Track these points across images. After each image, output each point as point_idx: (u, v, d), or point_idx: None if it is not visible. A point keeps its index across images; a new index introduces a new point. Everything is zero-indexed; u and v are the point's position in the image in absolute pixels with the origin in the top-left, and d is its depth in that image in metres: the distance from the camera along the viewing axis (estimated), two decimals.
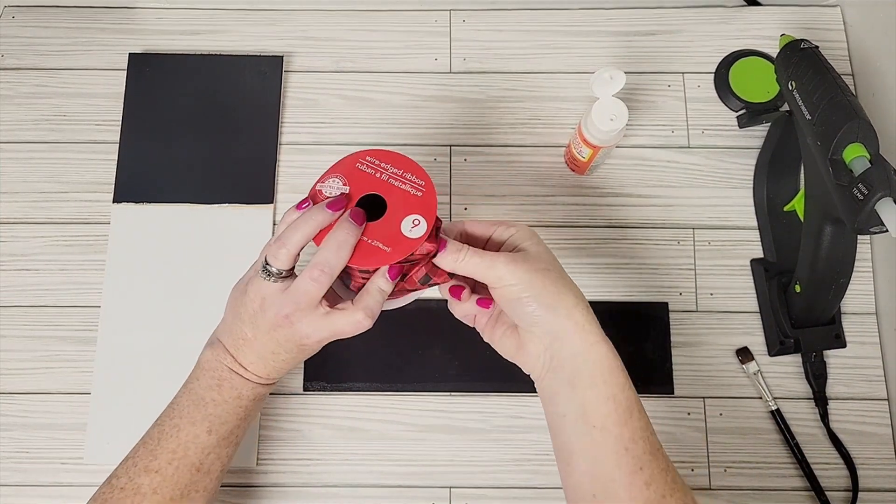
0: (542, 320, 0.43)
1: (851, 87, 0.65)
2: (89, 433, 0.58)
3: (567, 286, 0.44)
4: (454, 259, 0.44)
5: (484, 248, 0.45)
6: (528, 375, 0.46)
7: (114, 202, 0.63)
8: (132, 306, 0.60)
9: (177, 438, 0.46)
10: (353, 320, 0.44)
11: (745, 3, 0.70)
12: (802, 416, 0.59)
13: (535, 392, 0.58)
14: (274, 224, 0.62)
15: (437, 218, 0.45)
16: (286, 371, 0.49)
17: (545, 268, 0.44)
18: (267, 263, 0.44)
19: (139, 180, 0.63)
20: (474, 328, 0.49)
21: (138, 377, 0.59)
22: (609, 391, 0.42)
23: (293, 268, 0.45)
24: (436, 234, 0.45)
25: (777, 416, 0.58)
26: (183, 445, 0.45)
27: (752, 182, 0.64)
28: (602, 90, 0.55)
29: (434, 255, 0.45)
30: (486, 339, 0.48)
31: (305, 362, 0.59)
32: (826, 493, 0.57)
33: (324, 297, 0.44)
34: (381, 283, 0.45)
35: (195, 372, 0.48)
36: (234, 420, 0.47)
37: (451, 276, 0.46)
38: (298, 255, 0.44)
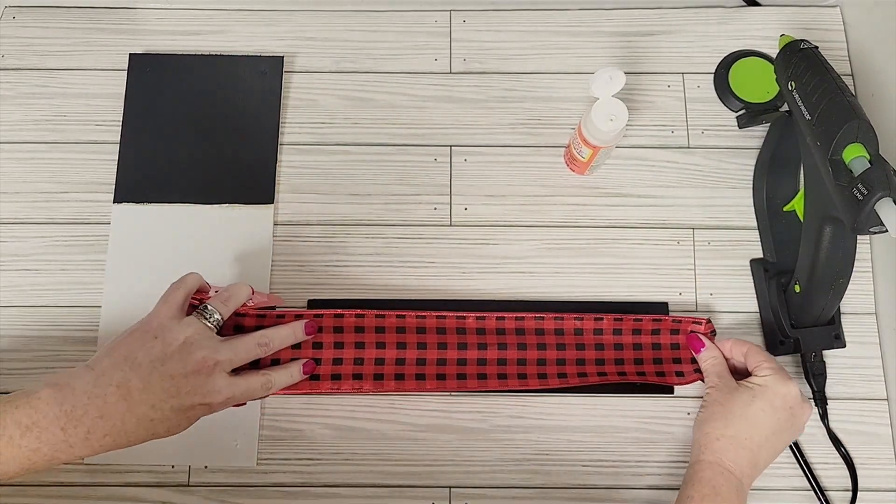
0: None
1: (851, 87, 0.65)
2: None
3: (756, 429, 0.51)
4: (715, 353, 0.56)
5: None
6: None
7: (114, 202, 0.63)
8: (132, 306, 0.60)
9: None
10: (260, 380, 0.50)
11: (744, 4, 0.70)
12: None
13: (536, 393, 0.59)
14: (274, 224, 0.62)
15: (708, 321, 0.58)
16: (120, 443, 0.45)
17: (772, 410, 0.51)
18: (207, 308, 0.49)
19: (139, 180, 0.63)
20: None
21: None
22: None
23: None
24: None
25: None
26: None
27: (751, 182, 0.64)
28: (602, 90, 0.55)
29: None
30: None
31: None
32: (826, 493, 0.57)
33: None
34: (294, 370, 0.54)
35: (15, 398, 0.43)
36: (15, 468, 0.43)
37: None
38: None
